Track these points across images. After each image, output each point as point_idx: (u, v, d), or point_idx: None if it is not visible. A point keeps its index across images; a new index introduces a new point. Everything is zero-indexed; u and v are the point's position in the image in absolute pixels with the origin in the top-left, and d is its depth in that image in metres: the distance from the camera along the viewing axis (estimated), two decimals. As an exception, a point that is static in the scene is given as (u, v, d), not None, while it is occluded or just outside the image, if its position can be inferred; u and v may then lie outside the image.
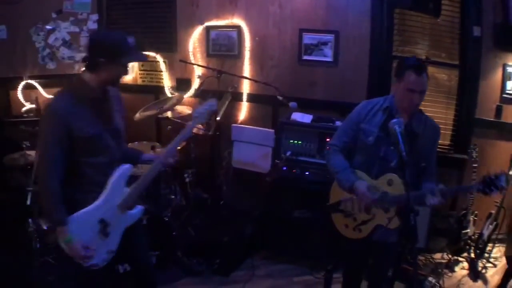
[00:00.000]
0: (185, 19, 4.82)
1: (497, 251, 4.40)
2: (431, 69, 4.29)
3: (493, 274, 4.07)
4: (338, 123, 3.97)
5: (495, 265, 4.19)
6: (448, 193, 2.41)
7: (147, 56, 4.80)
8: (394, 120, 2.31)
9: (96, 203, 2.34)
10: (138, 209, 2.55)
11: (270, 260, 4.06)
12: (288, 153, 3.98)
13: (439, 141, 3.46)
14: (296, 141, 4.01)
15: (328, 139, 3.85)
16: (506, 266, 3.84)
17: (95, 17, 5.18)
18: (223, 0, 4.65)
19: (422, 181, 2.52)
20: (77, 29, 5.15)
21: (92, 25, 5.17)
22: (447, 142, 4.51)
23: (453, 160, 4.32)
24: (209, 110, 2.62)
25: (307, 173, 3.93)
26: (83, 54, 2.34)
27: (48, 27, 5.05)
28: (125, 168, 2.43)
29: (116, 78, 2.36)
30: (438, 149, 4.33)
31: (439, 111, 4.44)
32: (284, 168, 3.97)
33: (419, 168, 2.49)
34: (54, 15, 5.06)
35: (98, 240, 2.36)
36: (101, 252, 2.38)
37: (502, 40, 4.20)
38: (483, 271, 4.07)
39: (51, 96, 5.12)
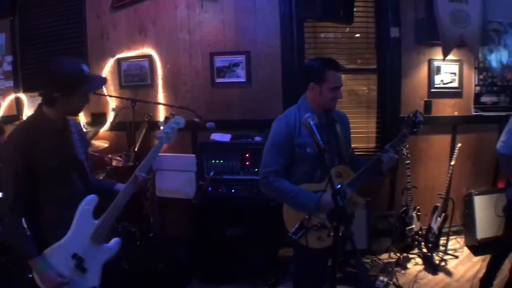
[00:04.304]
0: (96, 53, 4.77)
1: (455, 243, 4.59)
2: (350, 83, 4.60)
3: (456, 265, 4.21)
4: (257, 138, 4.06)
5: (456, 257, 4.33)
6: (394, 145, 2.67)
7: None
8: (307, 115, 2.30)
9: (65, 238, 2.23)
10: (115, 241, 2.43)
11: (210, 283, 3.99)
12: (212, 173, 4.00)
13: (365, 146, 3.68)
14: (218, 161, 4.06)
15: (248, 155, 3.97)
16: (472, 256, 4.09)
17: (9, 58, 5.08)
18: (133, 31, 4.68)
19: (354, 163, 2.77)
20: (-8, 72, 5.01)
21: (7, 66, 5.07)
22: (373, 145, 4.69)
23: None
24: (176, 127, 2.55)
25: (233, 190, 3.96)
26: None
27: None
28: (89, 200, 2.32)
29: (76, 109, 2.29)
30: (366, 153, 4.57)
31: (361, 121, 4.67)
32: (210, 188, 3.97)
33: (350, 153, 2.84)
34: (-31, 59, 4.91)
35: (76, 276, 2.23)
36: None
37: (426, 36, 4.45)
38: (442, 263, 4.19)
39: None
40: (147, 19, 4.63)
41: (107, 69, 4.75)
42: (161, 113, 4.67)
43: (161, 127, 2.55)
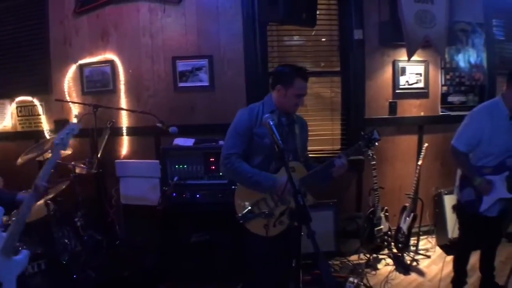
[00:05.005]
0: (58, 59, 4.70)
1: (426, 243, 4.60)
2: (314, 86, 4.58)
3: (429, 264, 4.21)
4: (221, 142, 3.98)
5: (428, 256, 4.33)
6: (349, 153, 2.85)
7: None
8: (267, 115, 2.44)
9: None
10: (24, 253, 2.39)
11: (178, 289, 3.92)
12: (176, 179, 3.93)
13: (330, 148, 3.74)
14: (182, 166, 4.00)
15: (212, 159, 3.93)
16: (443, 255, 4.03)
17: (-28, 65, 4.97)
18: (95, 37, 4.62)
19: (308, 165, 2.92)
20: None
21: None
22: (338, 147, 4.68)
23: (348, 163, 4.42)
24: (71, 133, 2.58)
25: (198, 195, 3.91)
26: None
27: None
28: None
29: None
30: (331, 155, 4.47)
31: (326, 123, 4.66)
32: (174, 194, 3.91)
33: (305, 156, 3.01)
34: None
35: None
36: None
37: (390, 38, 4.46)
38: (414, 263, 4.18)
39: None
40: (109, 24, 4.58)
41: (70, 75, 4.68)
42: (124, 119, 4.63)
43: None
